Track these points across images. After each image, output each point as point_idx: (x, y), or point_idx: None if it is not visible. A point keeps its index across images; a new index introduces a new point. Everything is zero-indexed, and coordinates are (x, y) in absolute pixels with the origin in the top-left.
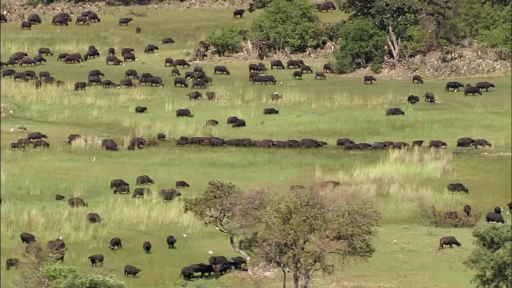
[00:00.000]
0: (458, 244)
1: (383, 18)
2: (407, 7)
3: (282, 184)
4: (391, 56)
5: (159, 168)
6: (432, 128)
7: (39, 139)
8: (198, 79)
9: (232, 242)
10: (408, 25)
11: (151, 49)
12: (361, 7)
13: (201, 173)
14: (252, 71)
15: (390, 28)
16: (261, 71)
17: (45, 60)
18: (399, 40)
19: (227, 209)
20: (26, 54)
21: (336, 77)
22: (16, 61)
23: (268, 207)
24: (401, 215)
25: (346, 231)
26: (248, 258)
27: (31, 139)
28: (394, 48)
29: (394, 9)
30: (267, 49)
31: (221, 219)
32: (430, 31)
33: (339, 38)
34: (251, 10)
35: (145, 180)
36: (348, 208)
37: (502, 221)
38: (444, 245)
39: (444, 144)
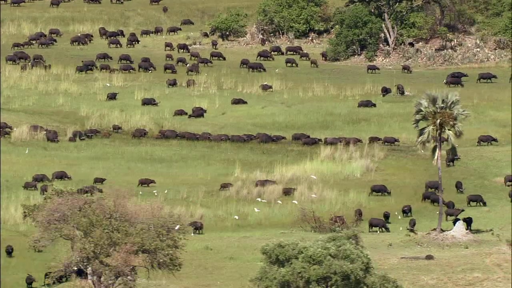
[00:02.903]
0: None
1: (379, 5)
2: None
3: (198, 182)
4: (387, 43)
5: (86, 162)
6: (385, 123)
7: (4, 129)
8: (190, 65)
9: (73, 249)
10: (405, 12)
11: (158, 31)
12: None
13: (124, 168)
14: (260, 58)
15: (386, 15)
16: (269, 59)
17: (55, 41)
18: (395, 27)
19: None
20: (45, 35)
21: (329, 64)
22: (32, 41)
23: (70, 219)
24: (291, 218)
25: (150, 246)
26: (89, 267)
27: None
28: (390, 36)
29: None
30: (271, 34)
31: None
32: (434, 18)
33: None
34: None
35: (62, 175)
36: (153, 222)
37: (385, 227)
38: None
39: (396, 140)
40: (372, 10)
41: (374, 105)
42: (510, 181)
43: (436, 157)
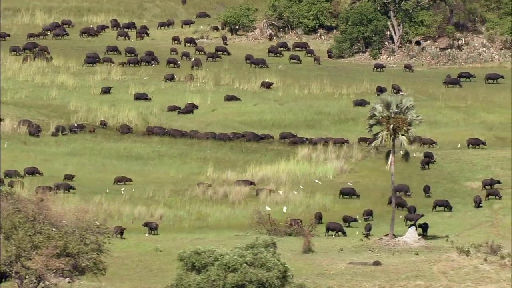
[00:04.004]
0: None
1: (385, 3)
2: None
3: (169, 181)
4: (393, 41)
5: (62, 158)
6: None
7: None
8: (194, 60)
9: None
10: (411, 10)
11: (170, 24)
12: None
13: (99, 165)
14: (269, 53)
15: (391, 13)
16: (278, 55)
17: (68, 34)
18: (401, 25)
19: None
20: (60, 25)
21: (333, 62)
22: (47, 32)
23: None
24: (251, 220)
25: (73, 249)
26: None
27: None
28: (395, 34)
29: None
30: (280, 29)
31: None
32: (442, 16)
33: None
34: None
35: (33, 171)
36: (77, 225)
37: (342, 231)
38: None
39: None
40: (378, 8)
41: (368, 103)
42: (488, 185)
43: (389, 162)
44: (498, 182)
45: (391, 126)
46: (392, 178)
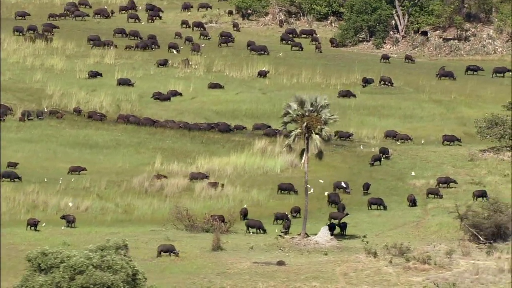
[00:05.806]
0: (175, 253)
1: None
2: None
3: (115, 171)
4: (398, 31)
5: (17, 145)
6: (345, 116)
7: None
8: (193, 45)
9: None
10: (417, 0)
11: (187, 7)
12: None
13: (51, 152)
14: (282, 41)
15: (397, 2)
16: (291, 42)
17: (88, 15)
18: (406, 15)
19: None
20: (76, 5)
21: (336, 50)
22: (68, 12)
23: None
24: (169, 215)
25: None
26: None
27: None
28: (400, 23)
29: None
30: (292, 15)
31: None
32: (452, 7)
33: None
34: None
35: None
36: None
37: (262, 229)
38: (162, 252)
39: (351, 135)
40: None
41: (354, 95)
42: (443, 183)
43: (303, 161)
44: (454, 181)
45: (305, 124)
46: (305, 177)
